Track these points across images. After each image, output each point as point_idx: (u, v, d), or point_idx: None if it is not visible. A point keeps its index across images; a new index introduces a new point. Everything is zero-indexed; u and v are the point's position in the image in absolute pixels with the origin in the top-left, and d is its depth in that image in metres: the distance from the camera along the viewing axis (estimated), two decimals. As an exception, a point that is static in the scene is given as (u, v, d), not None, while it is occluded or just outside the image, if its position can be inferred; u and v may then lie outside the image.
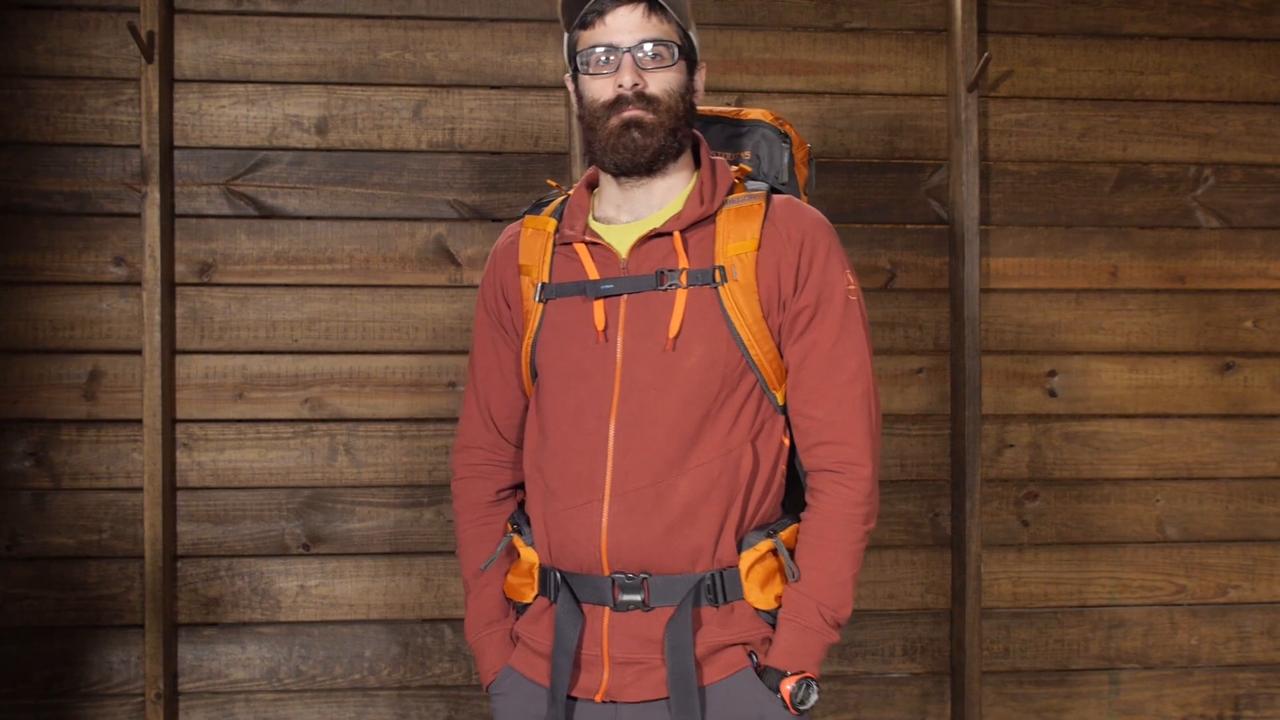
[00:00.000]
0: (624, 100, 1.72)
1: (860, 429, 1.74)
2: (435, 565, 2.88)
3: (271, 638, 2.85)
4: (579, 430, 1.73)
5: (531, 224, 1.85)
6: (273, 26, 2.87)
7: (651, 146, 1.73)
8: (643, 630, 1.71)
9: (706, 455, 1.70)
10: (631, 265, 1.75)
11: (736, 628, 1.72)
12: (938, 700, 2.98)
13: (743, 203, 1.77)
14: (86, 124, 2.82)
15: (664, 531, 1.69)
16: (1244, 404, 3.05)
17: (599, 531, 1.71)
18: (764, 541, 1.74)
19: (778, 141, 2.00)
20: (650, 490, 1.69)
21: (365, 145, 2.89)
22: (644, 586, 1.71)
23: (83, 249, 2.81)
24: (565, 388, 1.76)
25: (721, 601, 1.72)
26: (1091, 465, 3.01)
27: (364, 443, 2.87)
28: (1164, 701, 3.02)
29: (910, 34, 3.00)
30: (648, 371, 1.71)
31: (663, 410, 1.70)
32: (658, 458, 1.69)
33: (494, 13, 2.92)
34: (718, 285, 1.72)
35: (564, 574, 1.75)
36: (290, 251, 2.87)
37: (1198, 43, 3.05)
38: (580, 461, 1.72)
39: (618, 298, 1.74)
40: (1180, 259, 3.04)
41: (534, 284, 1.81)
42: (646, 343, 1.72)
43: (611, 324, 1.74)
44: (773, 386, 1.75)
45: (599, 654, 1.73)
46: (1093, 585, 3.01)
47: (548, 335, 1.79)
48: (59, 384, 2.80)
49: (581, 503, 1.72)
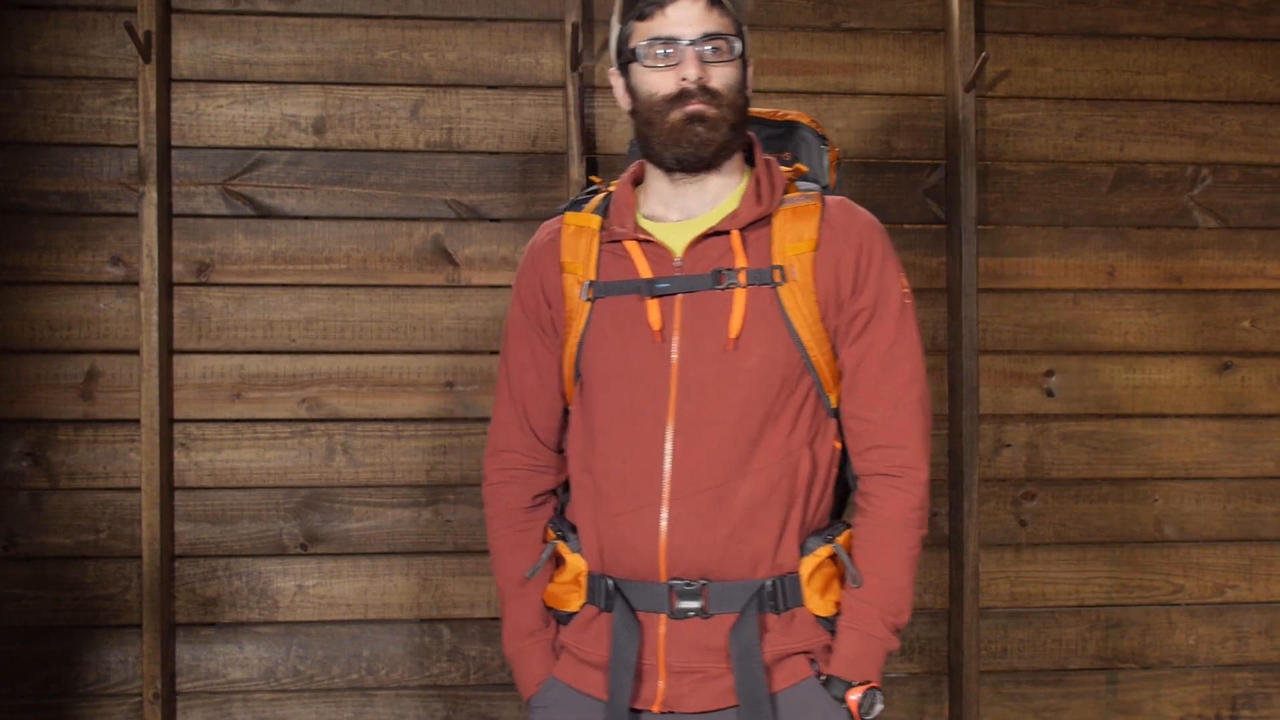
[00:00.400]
0: (688, 94, 1.67)
1: (916, 433, 1.72)
2: (433, 565, 2.88)
3: (269, 638, 2.85)
4: (634, 432, 1.68)
5: (573, 221, 1.80)
6: (270, 26, 2.87)
7: (715, 141, 1.69)
8: (701, 638, 1.67)
9: (767, 458, 1.67)
10: (687, 264, 1.71)
11: (798, 635, 1.69)
12: (935, 700, 2.98)
13: (798, 203, 1.74)
14: (83, 124, 2.81)
15: (726, 536, 1.65)
16: (1241, 404, 3.05)
17: (657, 536, 1.66)
18: (824, 547, 1.71)
19: (816, 144, 1.97)
20: (712, 494, 1.65)
21: (362, 145, 2.89)
22: (703, 593, 1.66)
23: (80, 249, 2.81)
24: (616, 389, 1.71)
25: (783, 608, 1.68)
26: (1089, 465, 3.01)
27: (362, 443, 2.87)
28: (1161, 701, 3.02)
29: (908, 34, 3.00)
30: (707, 372, 1.67)
31: (724, 412, 1.66)
32: (719, 460, 1.65)
33: (491, 12, 2.92)
34: (777, 285, 1.69)
35: (616, 581, 1.70)
36: (288, 251, 2.87)
37: (1195, 43, 3.05)
38: (636, 464, 1.67)
39: (672, 297, 1.69)
40: (1177, 259, 3.04)
41: (579, 282, 1.75)
42: (705, 343, 1.68)
43: (666, 323, 1.69)
44: (828, 389, 1.72)
45: (654, 663, 1.68)
46: (1090, 585, 3.01)
47: (596, 335, 1.73)
48: (56, 384, 2.80)
49: (638, 507, 1.67)
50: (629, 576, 1.69)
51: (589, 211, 1.81)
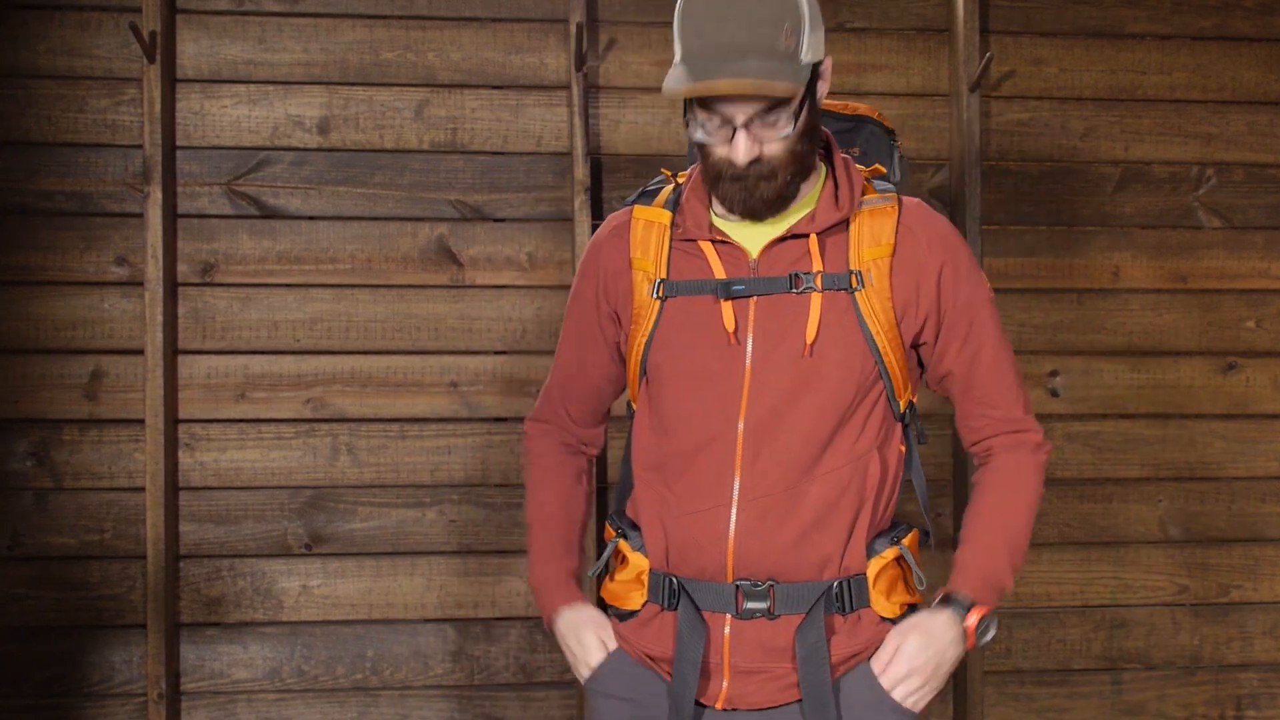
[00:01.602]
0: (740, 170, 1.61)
1: (1029, 416, 1.77)
2: (437, 565, 2.88)
3: (274, 638, 2.85)
4: (704, 434, 1.66)
5: (643, 215, 1.75)
6: (274, 26, 2.87)
7: (770, 200, 1.64)
8: (767, 639, 1.66)
9: (837, 461, 1.66)
10: (762, 266, 1.67)
11: (864, 637, 1.68)
12: (940, 700, 2.97)
13: (876, 205, 1.70)
14: (88, 124, 2.82)
15: (795, 539, 1.64)
16: (1246, 404, 3.05)
17: (726, 538, 1.64)
18: (890, 549, 1.70)
19: (885, 140, 1.94)
20: (783, 497, 1.64)
21: (367, 145, 2.89)
22: (770, 594, 1.65)
23: (85, 249, 2.81)
24: (687, 389, 1.68)
25: (849, 610, 1.67)
26: (1094, 465, 3.01)
27: (366, 443, 2.87)
28: (1166, 702, 3.02)
29: (912, 34, 3.00)
30: (782, 376, 1.65)
31: (798, 417, 1.64)
32: (792, 464, 1.64)
33: (495, 13, 2.92)
34: (854, 290, 1.66)
35: (681, 580, 1.68)
36: (292, 251, 2.87)
37: (1200, 43, 3.05)
38: (705, 465, 1.65)
39: (746, 300, 1.66)
40: (1182, 259, 3.04)
41: (649, 280, 1.72)
42: (780, 346, 1.65)
43: (741, 326, 1.66)
44: (899, 394, 1.71)
45: (720, 662, 1.67)
46: (1095, 585, 3.01)
47: (666, 334, 1.70)
48: (61, 384, 2.80)
49: (707, 507, 1.65)
50: (695, 576, 1.68)
51: (659, 205, 1.76)
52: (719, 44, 1.54)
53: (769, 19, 1.54)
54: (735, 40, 1.54)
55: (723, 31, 1.54)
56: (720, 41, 1.54)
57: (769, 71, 1.52)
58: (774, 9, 1.55)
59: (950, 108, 2.98)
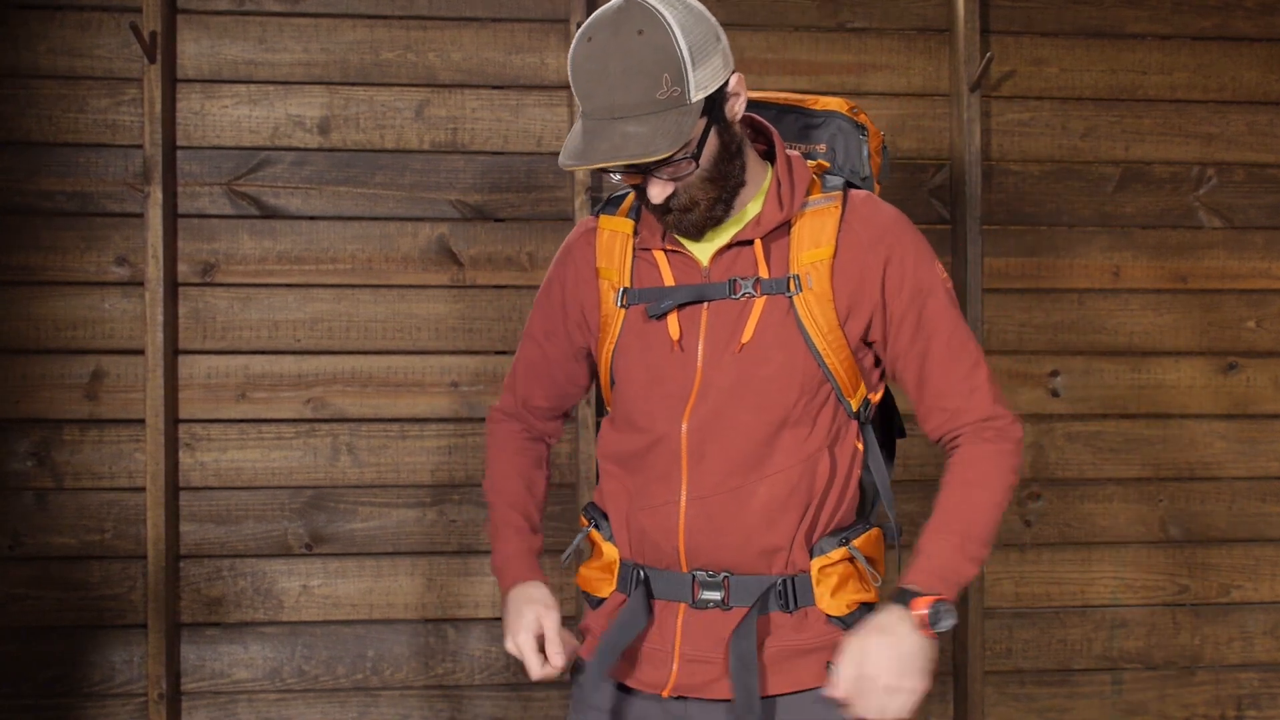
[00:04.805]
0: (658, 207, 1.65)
1: (996, 404, 1.72)
2: (438, 565, 2.88)
3: (274, 638, 2.85)
4: (654, 433, 1.71)
5: (608, 225, 1.79)
6: (275, 26, 2.87)
7: (699, 224, 1.67)
8: (718, 629, 1.69)
9: (787, 461, 1.68)
10: (714, 272, 1.71)
11: (810, 633, 1.70)
12: (940, 700, 2.98)
13: (819, 205, 1.72)
14: (89, 124, 2.82)
15: (742, 536, 1.68)
16: (1246, 404, 3.05)
17: (676, 533, 1.69)
18: (838, 549, 1.71)
19: (854, 134, 1.94)
20: (730, 496, 1.68)
21: (367, 145, 2.89)
22: (725, 585, 1.69)
23: (85, 249, 2.81)
24: (643, 391, 1.73)
25: (793, 607, 1.70)
26: (1094, 465, 3.01)
27: (366, 443, 2.87)
28: (1166, 702, 3.02)
29: (912, 34, 3.00)
30: (724, 378, 1.68)
31: (740, 417, 1.67)
32: (738, 463, 1.67)
33: (496, 13, 2.92)
34: (792, 295, 1.68)
35: (645, 569, 1.73)
36: (293, 251, 2.87)
37: (1200, 43, 3.05)
38: (655, 463, 1.71)
39: (699, 305, 1.70)
40: (1183, 259, 3.04)
41: (614, 288, 1.77)
42: (725, 351, 1.69)
43: (691, 332, 1.70)
44: (847, 394, 1.72)
45: (669, 649, 1.71)
46: (1095, 585, 3.01)
47: (627, 341, 1.75)
48: (61, 384, 2.80)
49: (659, 503, 1.70)
50: (655, 565, 1.73)
51: (623, 215, 1.80)
52: (601, 106, 1.56)
53: (645, 71, 1.54)
54: (614, 101, 1.55)
55: (602, 92, 1.56)
56: (602, 104, 1.56)
57: (646, 138, 1.53)
58: (649, 59, 1.54)
59: (950, 108, 2.98)
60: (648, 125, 1.54)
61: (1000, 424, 1.72)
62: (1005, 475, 1.71)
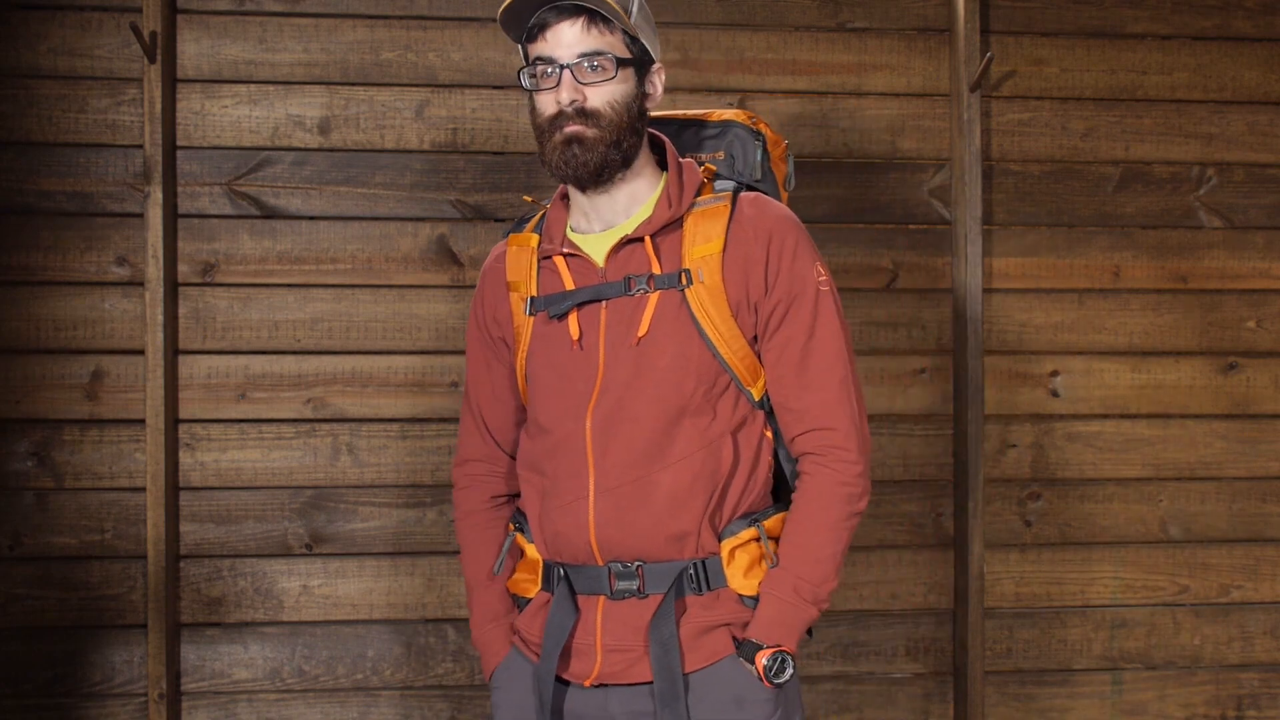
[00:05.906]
0: (564, 116, 1.73)
1: (843, 414, 1.77)
2: (438, 565, 2.88)
3: (274, 638, 2.85)
4: (561, 431, 1.78)
5: (515, 241, 1.89)
6: (275, 26, 2.87)
7: (592, 162, 1.74)
8: (635, 618, 1.76)
9: (689, 449, 1.74)
10: (610, 272, 1.79)
11: (721, 610, 1.77)
12: (940, 700, 2.98)
13: (709, 204, 1.80)
14: (89, 124, 2.82)
15: (651, 525, 1.74)
16: (1247, 404, 3.05)
17: (587, 528, 1.75)
18: (747, 530, 1.78)
19: (750, 140, 2.01)
20: (635, 486, 1.74)
21: (368, 145, 2.89)
22: (639, 574, 1.75)
23: (85, 249, 2.81)
24: (550, 393, 1.81)
25: (705, 589, 1.77)
26: (1094, 465, 3.01)
27: (366, 443, 2.87)
28: (1167, 702, 3.02)
29: (913, 34, 3.00)
30: (623, 372, 1.76)
31: (639, 409, 1.74)
32: (640, 454, 1.74)
33: (496, 13, 2.91)
34: (683, 289, 1.76)
35: (565, 567, 1.80)
36: (293, 251, 2.87)
37: (1200, 43, 3.05)
38: (565, 461, 1.78)
39: (598, 305, 1.78)
40: (1183, 259, 3.04)
41: (523, 299, 1.85)
42: (623, 346, 1.76)
43: (591, 331, 1.78)
44: (746, 384, 1.79)
45: (592, 642, 1.77)
46: (1095, 585, 3.01)
47: (535, 346, 1.84)
48: (61, 384, 2.80)
49: (570, 500, 1.77)
50: (572, 561, 1.79)
51: (529, 230, 1.90)
52: None
53: None
54: None
55: None
56: None
57: None
58: None
59: (950, 108, 2.98)
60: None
61: (842, 442, 1.77)
62: (843, 508, 1.77)
